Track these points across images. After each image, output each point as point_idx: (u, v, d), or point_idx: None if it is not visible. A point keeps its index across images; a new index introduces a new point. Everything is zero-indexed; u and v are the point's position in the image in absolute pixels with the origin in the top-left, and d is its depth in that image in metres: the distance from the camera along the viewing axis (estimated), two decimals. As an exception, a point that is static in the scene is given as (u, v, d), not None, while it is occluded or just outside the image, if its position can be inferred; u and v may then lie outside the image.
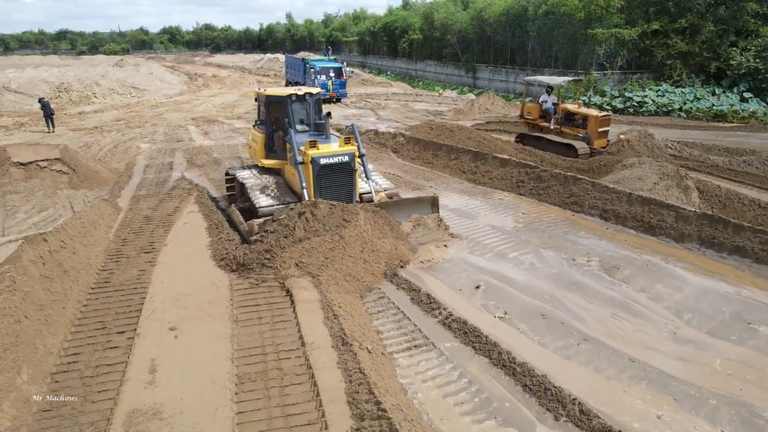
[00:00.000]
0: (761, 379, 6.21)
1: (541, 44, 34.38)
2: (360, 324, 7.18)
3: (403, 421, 5.17)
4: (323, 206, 8.91)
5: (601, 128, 15.76)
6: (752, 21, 28.68)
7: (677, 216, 10.39)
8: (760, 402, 5.80)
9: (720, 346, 6.89)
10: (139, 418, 5.49)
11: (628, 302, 8.02)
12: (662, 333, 7.21)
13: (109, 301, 7.86)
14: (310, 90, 11.19)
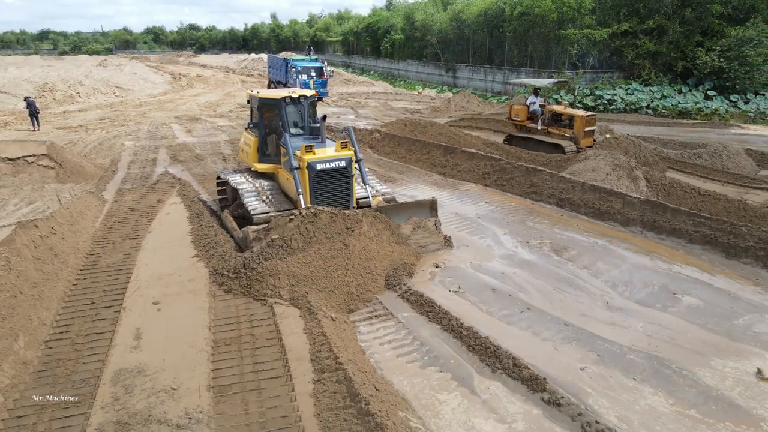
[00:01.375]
0: (675, 338, 7.09)
1: (517, 44, 35.39)
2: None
3: (357, 371, 5.96)
4: (324, 215, 8.57)
5: (587, 128, 16.13)
6: (717, 22, 29.86)
7: (624, 203, 11.30)
8: (671, 356, 6.68)
9: (645, 312, 7.77)
10: (126, 375, 6.22)
11: (571, 277, 8.88)
12: (597, 303, 8.07)
13: (96, 280, 8.55)
14: (304, 92, 10.85)
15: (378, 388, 5.71)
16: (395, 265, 8.85)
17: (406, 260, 9.07)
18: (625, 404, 5.82)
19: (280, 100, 10.52)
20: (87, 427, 5.40)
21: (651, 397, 5.96)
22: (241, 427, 5.41)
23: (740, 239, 9.41)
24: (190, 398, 5.82)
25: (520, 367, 6.29)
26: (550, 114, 17.36)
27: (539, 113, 17.61)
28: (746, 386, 6.10)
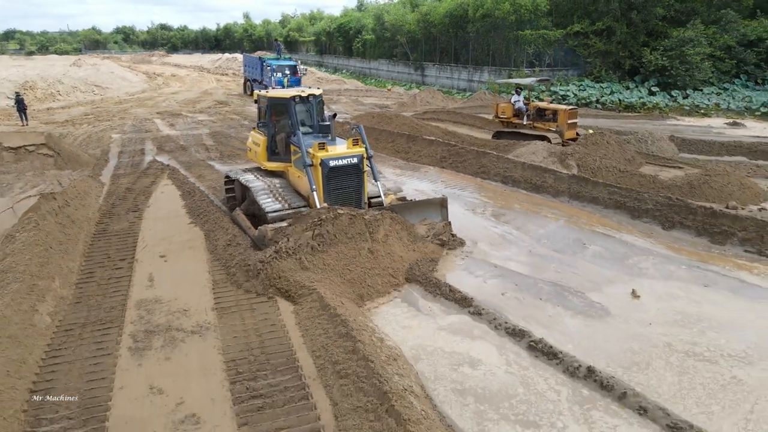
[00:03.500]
0: (577, 273, 9.07)
1: (480, 44, 37.59)
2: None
3: (328, 292, 7.77)
4: (344, 216, 8.79)
5: (570, 120, 17.25)
6: (660, 24, 32.47)
7: (555, 178, 13.36)
8: (571, 284, 8.64)
9: (558, 256, 9.76)
10: (146, 303, 7.93)
11: (505, 234, 10.84)
12: (522, 251, 10.03)
13: (109, 242, 10.19)
14: (313, 91, 10.90)
15: (343, 302, 7.55)
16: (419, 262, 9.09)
17: (433, 257, 9.41)
18: (530, 312, 7.77)
19: (290, 99, 10.52)
20: (122, 335, 7.10)
21: (551, 308, 7.92)
22: (240, 332, 7.17)
23: (642, 203, 11.52)
24: (199, 316, 7.57)
25: (454, 292, 8.20)
26: (535, 109, 18.40)
27: (524, 110, 18.64)
28: (622, 301, 8.11)
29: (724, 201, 11.75)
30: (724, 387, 6.12)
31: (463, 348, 6.90)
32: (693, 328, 7.36)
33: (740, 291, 8.42)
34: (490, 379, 6.29)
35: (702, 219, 10.61)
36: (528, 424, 5.53)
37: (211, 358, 6.59)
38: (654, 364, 6.51)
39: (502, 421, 5.57)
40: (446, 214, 10.53)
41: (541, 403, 5.84)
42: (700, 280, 8.76)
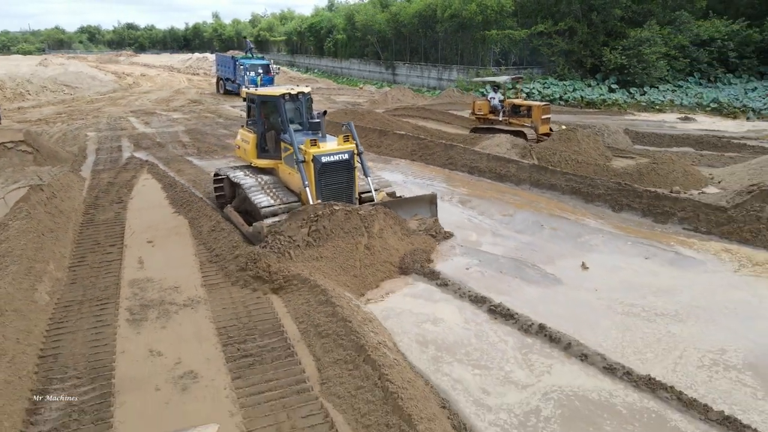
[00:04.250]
0: (535, 250, 9.99)
1: (449, 44, 38.67)
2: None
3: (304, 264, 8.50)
4: (340, 212, 9.03)
5: (543, 115, 17.83)
6: (619, 24, 34.02)
7: (518, 167, 14.34)
8: (529, 259, 9.55)
9: (518, 236, 10.69)
10: (138, 282, 8.54)
11: (470, 218, 11.73)
12: (486, 233, 10.92)
13: (97, 230, 10.72)
14: (302, 89, 11.00)
15: (324, 281, 8.30)
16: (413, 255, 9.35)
17: (427, 250, 9.67)
18: (491, 283, 8.65)
19: (279, 97, 10.61)
20: (118, 309, 7.71)
21: (510, 280, 8.81)
22: (228, 305, 7.84)
23: (595, 188, 12.56)
24: (190, 292, 8.22)
25: (423, 267, 9.02)
26: (510, 106, 19.05)
27: (500, 107, 19.25)
28: (573, 272, 9.06)
29: (669, 186, 12.88)
30: (659, 339, 7.06)
31: (428, 310, 7.75)
32: (634, 293, 8.33)
33: (676, 262, 9.46)
34: (449, 333, 7.16)
35: (647, 201, 11.69)
36: (478, 366, 6.41)
37: (203, 326, 7.27)
38: (599, 323, 7.43)
39: (455, 363, 6.45)
40: (435, 210, 10.86)
41: (491, 351, 6.73)
42: (642, 254, 9.79)
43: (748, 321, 7.46)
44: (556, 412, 5.68)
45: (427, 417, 5.17)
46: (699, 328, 7.32)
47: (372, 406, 5.50)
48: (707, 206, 10.86)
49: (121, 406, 5.74)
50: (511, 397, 5.90)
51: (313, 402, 5.78)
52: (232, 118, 25.93)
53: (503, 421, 5.53)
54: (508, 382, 6.17)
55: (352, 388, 5.85)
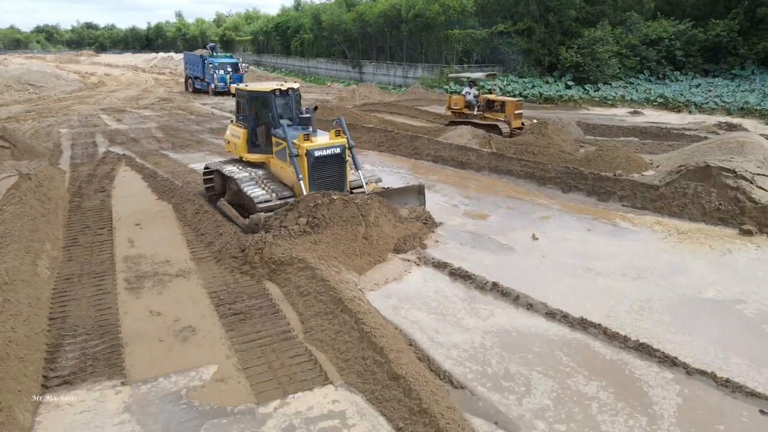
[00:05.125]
0: (491, 226, 11.12)
1: (413, 42, 39.85)
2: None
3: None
4: (338, 201, 9.33)
5: (516, 111, 18.57)
6: (574, 24, 35.80)
7: (478, 155, 15.52)
8: (485, 233, 10.66)
9: (478, 215, 11.82)
10: (131, 258, 9.30)
11: (439, 202, 12.75)
12: (449, 212, 12.00)
13: (85, 215, 11.38)
14: (292, 85, 11.30)
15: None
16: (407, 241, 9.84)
17: (420, 237, 10.12)
18: (450, 252, 9.70)
19: (270, 93, 10.86)
20: (116, 280, 8.48)
21: (469, 249, 9.89)
22: (217, 274, 8.69)
23: (547, 173, 13.82)
24: (180, 264, 9.04)
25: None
26: (485, 101, 19.71)
27: (474, 102, 19.93)
28: (524, 243, 10.20)
29: (613, 170, 14.23)
30: (598, 293, 8.21)
31: (393, 273, 8.77)
32: (578, 258, 9.51)
33: (614, 233, 10.73)
34: (410, 288, 8.26)
35: (592, 183, 12.99)
36: (434, 313, 7.51)
37: (196, 291, 8.12)
38: (546, 282, 8.55)
39: (413, 309, 7.54)
40: (423, 199, 11.31)
41: (446, 302, 7.84)
42: (586, 227, 11.04)
43: (671, 277, 8.72)
44: (496, 340, 6.81)
45: (396, 349, 6.18)
46: (631, 283, 8.53)
47: (350, 345, 6.49)
48: (642, 185, 12.21)
49: (130, 354, 6.57)
50: (460, 336, 6.95)
51: (299, 346, 6.73)
52: (203, 115, 26.48)
53: (456, 354, 6.58)
54: (458, 325, 7.23)
55: (332, 333, 6.82)
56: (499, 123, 18.86)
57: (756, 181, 11.13)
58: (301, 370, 6.25)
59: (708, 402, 5.65)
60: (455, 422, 5.14)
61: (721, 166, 11.41)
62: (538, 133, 17.55)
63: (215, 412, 5.60)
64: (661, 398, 5.70)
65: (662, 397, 5.73)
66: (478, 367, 6.30)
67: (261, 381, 6.07)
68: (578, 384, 5.98)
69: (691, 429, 5.27)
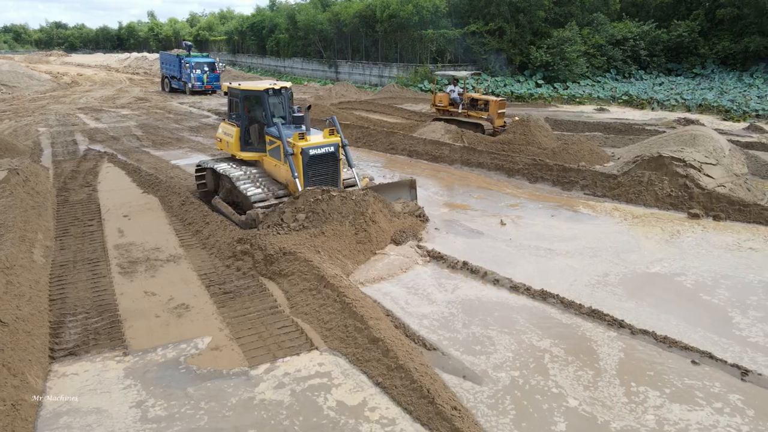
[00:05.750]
0: (464, 214, 11.89)
1: (388, 42, 40.59)
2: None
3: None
4: (336, 197, 9.59)
5: (499, 110, 18.82)
6: (543, 25, 37.00)
7: (450, 149, 16.30)
8: (456, 219, 11.42)
9: (450, 205, 12.57)
10: (122, 246, 9.79)
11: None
12: (428, 202, 12.70)
13: (73, 208, 11.78)
14: (284, 84, 11.49)
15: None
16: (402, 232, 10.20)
17: (414, 230, 10.43)
18: (425, 237, 10.42)
19: (263, 92, 11.02)
20: (110, 265, 8.98)
21: (442, 234, 10.62)
22: (206, 259, 9.25)
23: (515, 165, 14.67)
24: (170, 251, 9.57)
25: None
26: (469, 100, 19.91)
27: (459, 100, 20.09)
28: (492, 227, 10.98)
29: (577, 162, 15.14)
30: (560, 271, 8.98)
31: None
32: (542, 241, 10.31)
33: (576, 218, 11.59)
34: (388, 269, 8.90)
35: (557, 174, 13.86)
36: (406, 287, 8.23)
37: (187, 274, 8.68)
38: (512, 261, 9.32)
39: (386, 284, 8.26)
40: (415, 194, 11.62)
41: (417, 279, 8.57)
42: (550, 213, 11.87)
43: (625, 255, 9.57)
44: (461, 308, 7.58)
45: (375, 317, 6.86)
46: (590, 261, 9.35)
47: (333, 315, 7.14)
48: (602, 175, 13.12)
49: (130, 328, 7.12)
50: (429, 308, 7.67)
51: (286, 319, 7.36)
52: (182, 114, 26.77)
53: (428, 323, 7.29)
54: (428, 298, 7.95)
55: (316, 306, 7.47)
56: (482, 121, 19.25)
57: (704, 170, 12.11)
58: (288, 339, 6.89)
59: (647, 355, 6.47)
60: (428, 375, 5.84)
61: (672, 156, 12.36)
62: (520, 129, 17.76)
63: (212, 374, 6.20)
64: (607, 354, 6.49)
65: (607, 353, 6.52)
66: (449, 334, 7.01)
67: (252, 348, 6.68)
68: (532, 339, 6.77)
69: (626, 376, 6.07)
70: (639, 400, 5.66)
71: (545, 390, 5.84)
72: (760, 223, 10.73)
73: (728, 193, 11.56)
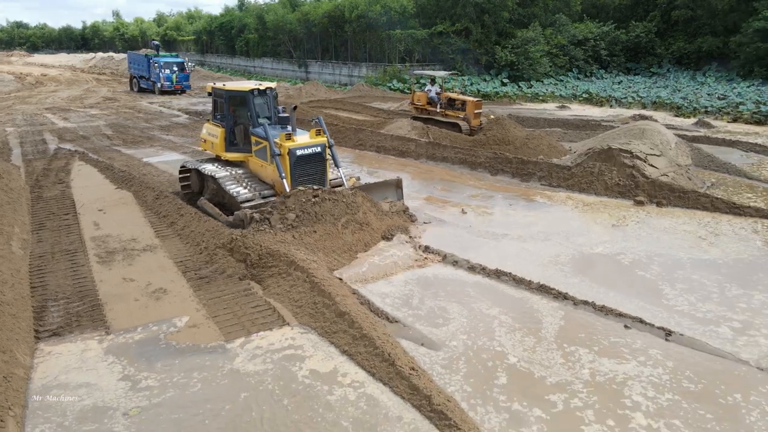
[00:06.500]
0: (426, 202, 12.56)
1: (357, 42, 41.16)
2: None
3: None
4: (328, 201, 9.67)
5: (476, 110, 19.00)
6: (508, 26, 38.09)
7: (416, 145, 17.00)
8: (421, 209, 12.08)
9: (417, 195, 13.22)
10: (99, 238, 10.15)
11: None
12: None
13: (48, 203, 12.04)
14: (270, 85, 11.48)
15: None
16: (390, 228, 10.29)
17: (402, 227, 10.51)
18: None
19: (249, 92, 10.99)
20: (88, 255, 9.35)
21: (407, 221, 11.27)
22: (181, 248, 9.69)
23: (477, 158, 15.44)
24: (146, 241, 9.98)
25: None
26: (446, 99, 20.14)
27: (436, 99, 20.38)
28: (454, 216, 11.68)
29: (536, 156, 15.99)
30: (516, 254, 9.69)
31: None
32: (500, 228, 11.04)
33: (532, 207, 12.38)
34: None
35: (516, 166, 14.67)
36: (370, 266, 8.83)
37: (164, 262, 9.12)
38: (472, 246, 10.01)
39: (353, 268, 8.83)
40: (401, 193, 11.68)
41: (386, 259, 9.15)
42: (508, 203, 12.64)
43: (574, 238, 10.37)
44: (418, 283, 8.26)
45: (342, 295, 7.45)
46: (543, 245, 10.11)
47: (303, 294, 7.71)
48: (558, 167, 13.98)
49: (111, 311, 7.55)
50: (389, 288, 8.30)
51: (259, 299, 7.90)
52: (152, 113, 26.86)
53: (390, 301, 7.91)
54: (388, 278, 8.58)
55: (287, 287, 8.02)
56: (459, 121, 19.52)
57: (649, 160, 13.05)
58: (261, 317, 7.43)
59: (585, 322, 7.23)
60: (389, 343, 6.47)
61: (620, 148, 13.28)
62: (497, 127, 18.21)
63: (191, 348, 6.70)
64: (549, 323, 7.23)
65: (550, 322, 7.25)
66: (410, 310, 7.65)
67: (228, 325, 7.21)
68: (482, 308, 7.50)
69: (565, 339, 6.81)
70: (574, 358, 6.39)
71: (490, 350, 6.54)
72: (696, 208, 11.70)
73: (670, 181, 12.51)
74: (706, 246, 9.79)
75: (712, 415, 5.46)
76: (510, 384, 5.92)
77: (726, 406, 5.63)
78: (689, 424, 5.31)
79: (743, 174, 14.44)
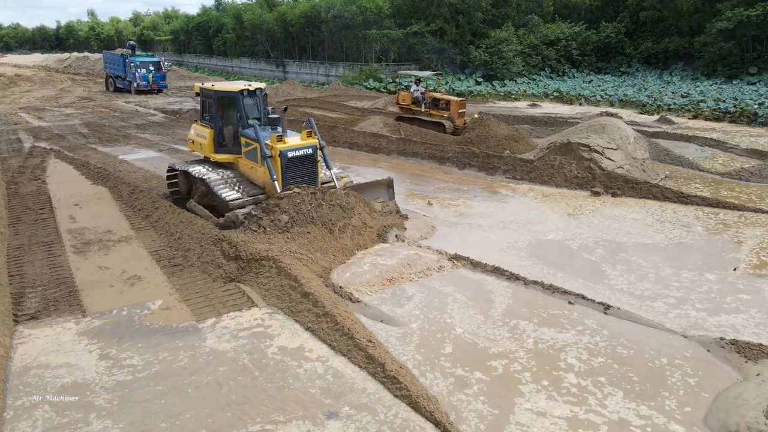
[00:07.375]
0: (403, 197, 13.09)
1: (334, 42, 41.59)
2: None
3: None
4: (324, 205, 9.69)
5: (460, 110, 19.40)
6: (482, 26, 38.87)
7: (387, 141, 17.54)
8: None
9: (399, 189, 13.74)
10: (75, 231, 10.47)
11: (354, 181, 14.61)
12: (359, 187, 13.85)
13: (24, 199, 12.29)
14: (259, 85, 11.32)
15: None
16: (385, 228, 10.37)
17: (397, 225, 10.59)
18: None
19: (238, 93, 10.82)
20: (64, 246, 9.68)
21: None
22: (156, 239, 10.07)
23: (446, 153, 16.04)
24: (122, 233, 10.34)
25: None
26: (431, 99, 20.48)
27: (421, 99, 20.62)
28: (421, 207, 12.22)
29: (503, 151, 16.64)
30: (477, 241, 10.26)
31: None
32: (464, 218, 11.62)
33: (495, 198, 13.00)
34: (330, 244, 9.98)
35: (482, 160, 15.30)
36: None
37: (138, 252, 9.50)
38: (438, 235, 10.56)
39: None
40: (393, 193, 11.67)
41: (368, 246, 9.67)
42: (473, 195, 13.24)
43: (531, 226, 10.99)
44: (383, 267, 8.75)
45: (308, 278, 7.94)
46: (503, 232, 10.71)
47: (270, 279, 8.17)
48: (521, 160, 14.64)
49: (87, 296, 7.93)
50: (363, 277, 8.81)
51: (231, 285, 8.34)
52: (128, 112, 26.99)
53: (353, 286, 8.43)
54: (356, 263, 9.10)
55: (255, 274, 8.48)
56: (443, 120, 19.74)
57: (605, 154, 13.77)
58: (231, 299, 7.88)
59: (532, 299, 7.82)
60: (349, 319, 6.97)
61: (579, 142, 13.98)
62: (480, 125, 18.83)
63: (164, 328, 7.13)
64: (499, 302, 7.80)
65: (500, 301, 7.83)
66: (368, 290, 8.17)
67: (199, 307, 7.65)
68: (435, 285, 8.08)
69: (513, 314, 7.40)
70: (519, 330, 6.98)
71: (441, 322, 7.11)
72: (648, 198, 12.43)
73: (625, 173, 13.24)
74: (651, 232, 10.50)
75: (638, 376, 6.07)
76: (455, 352, 6.48)
77: (653, 368, 6.25)
78: (614, 382, 5.92)
79: (695, 167, 15.26)
